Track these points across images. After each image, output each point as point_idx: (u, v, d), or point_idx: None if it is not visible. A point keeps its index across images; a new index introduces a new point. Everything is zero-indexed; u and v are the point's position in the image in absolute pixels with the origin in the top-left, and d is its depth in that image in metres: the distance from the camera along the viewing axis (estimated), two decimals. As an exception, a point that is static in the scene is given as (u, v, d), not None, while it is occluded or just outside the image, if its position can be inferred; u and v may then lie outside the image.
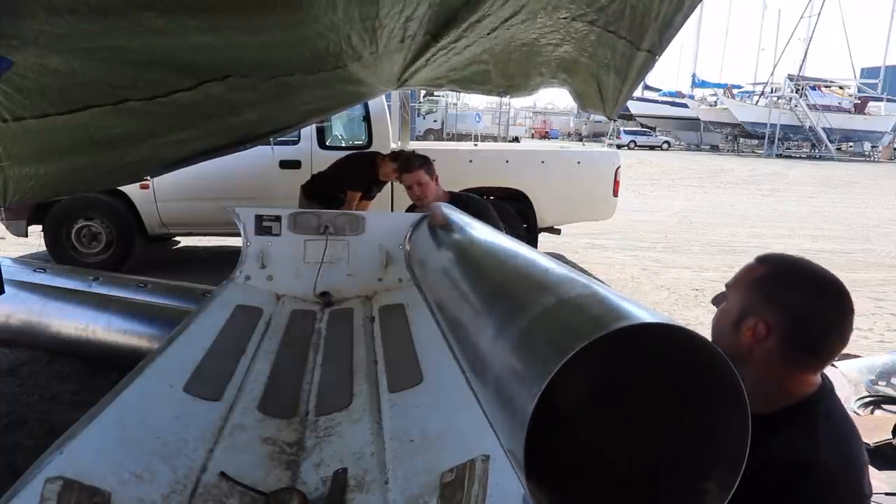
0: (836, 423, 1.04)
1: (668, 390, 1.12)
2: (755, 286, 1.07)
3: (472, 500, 1.09)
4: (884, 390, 2.82)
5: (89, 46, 2.25)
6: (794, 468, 0.98)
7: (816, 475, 0.97)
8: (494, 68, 3.90)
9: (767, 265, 1.09)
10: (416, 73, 3.69)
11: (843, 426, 1.06)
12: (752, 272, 1.10)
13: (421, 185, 3.06)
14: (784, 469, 0.99)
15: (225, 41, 2.47)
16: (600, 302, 1.07)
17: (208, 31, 2.36)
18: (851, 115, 35.14)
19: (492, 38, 3.19)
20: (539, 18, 2.95)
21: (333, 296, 2.69)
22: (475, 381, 1.29)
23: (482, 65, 3.82)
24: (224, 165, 4.94)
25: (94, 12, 2.00)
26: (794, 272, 1.07)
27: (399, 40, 3.11)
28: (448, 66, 3.82)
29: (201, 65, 2.79)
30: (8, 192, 3.17)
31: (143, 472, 1.24)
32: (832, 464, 0.98)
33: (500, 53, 3.61)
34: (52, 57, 2.23)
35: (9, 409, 2.70)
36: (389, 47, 3.15)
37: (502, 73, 3.97)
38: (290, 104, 3.66)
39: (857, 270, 6.23)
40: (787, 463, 0.99)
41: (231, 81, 3.07)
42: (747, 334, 1.05)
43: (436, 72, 3.94)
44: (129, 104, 2.85)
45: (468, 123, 28.06)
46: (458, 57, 3.52)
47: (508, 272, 1.50)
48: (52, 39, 2.09)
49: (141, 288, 3.29)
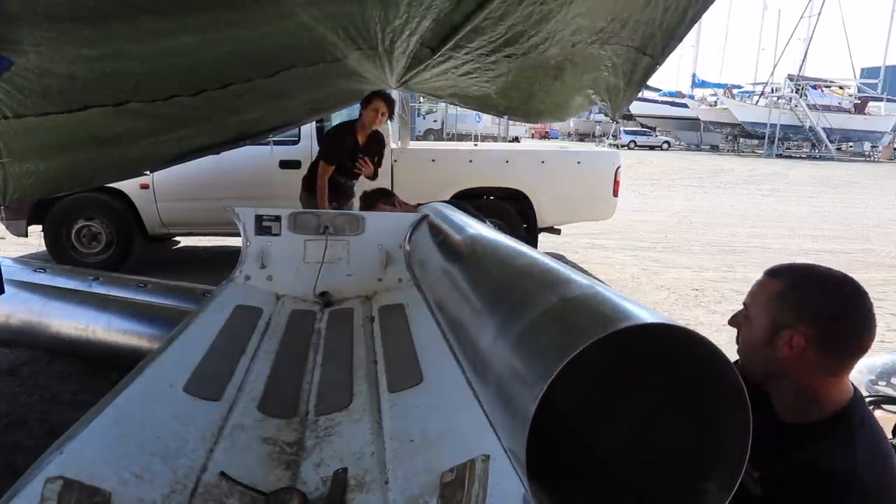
0: (873, 432, 1.06)
1: (669, 390, 1.12)
2: (779, 300, 1.08)
3: (473, 500, 1.08)
4: (884, 390, 2.81)
5: (90, 52, 2.26)
6: (835, 477, 1.00)
7: (856, 487, 0.99)
8: (496, 90, 3.92)
9: (783, 277, 1.11)
10: (415, 77, 3.70)
11: (878, 435, 1.07)
12: (768, 287, 1.11)
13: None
14: (824, 479, 1.00)
15: (224, 36, 2.47)
16: (601, 302, 1.06)
17: (208, 28, 2.36)
18: (851, 115, 35.15)
19: (493, 62, 3.21)
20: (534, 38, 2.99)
21: (333, 296, 2.69)
22: (476, 381, 1.29)
23: (484, 86, 3.84)
24: (224, 165, 4.95)
25: (95, 18, 2.01)
26: (811, 278, 1.10)
27: (399, 41, 3.13)
28: (449, 81, 3.82)
29: (202, 70, 2.80)
30: (7, 190, 3.17)
31: (143, 472, 1.24)
32: (870, 475, 1.00)
33: (503, 78, 3.62)
34: (54, 62, 2.24)
35: (9, 409, 2.70)
36: (387, 46, 3.16)
37: (503, 95, 3.99)
38: (290, 103, 3.68)
39: (857, 270, 6.23)
40: (827, 473, 1.01)
41: (232, 88, 3.08)
42: (784, 349, 1.05)
43: (438, 83, 3.96)
44: (131, 105, 2.85)
45: (468, 123, 28.03)
46: (459, 75, 3.53)
47: (509, 272, 1.50)
48: (53, 46, 2.10)
49: (141, 288, 3.29)
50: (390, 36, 3.03)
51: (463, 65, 3.29)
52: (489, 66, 3.33)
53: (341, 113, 5.16)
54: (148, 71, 2.57)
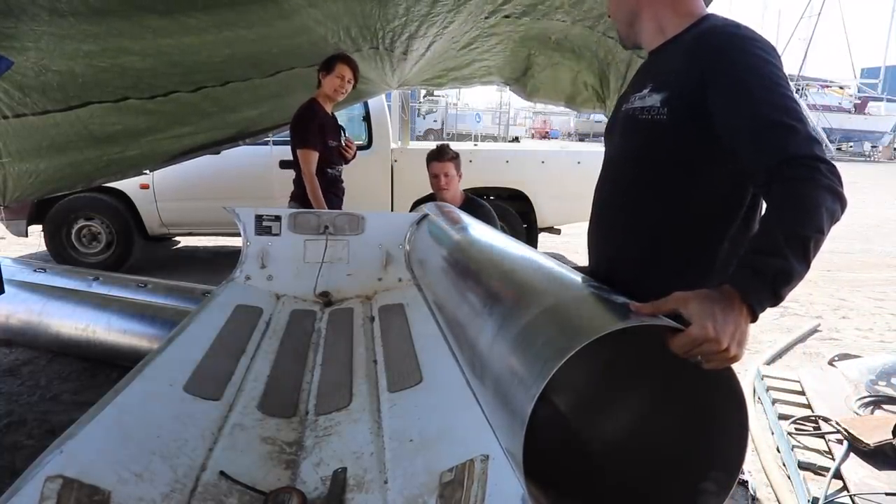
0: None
1: (668, 390, 1.12)
2: None
3: (472, 500, 1.08)
4: (884, 390, 2.81)
5: (90, 48, 2.26)
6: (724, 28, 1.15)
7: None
8: (495, 64, 3.93)
9: None
10: (416, 69, 3.71)
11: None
12: None
13: (447, 177, 3.12)
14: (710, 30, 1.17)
15: (223, 36, 2.48)
16: (600, 302, 1.07)
17: (209, 28, 2.36)
18: (851, 115, 35.14)
19: (491, 25, 3.20)
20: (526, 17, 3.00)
21: (333, 295, 2.69)
22: (474, 381, 1.30)
23: (483, 61, 3.84)
24: (224, 165, 4.95)
25: (96, 14, 2.01)
26: None
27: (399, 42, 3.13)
28: (449, 63, 3.83)
29: (201, 67, 2.81)
30: (7, 190, 3.18)
31: (143, 471, 1.24)
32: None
33: (503, 49, 3.63)
34: (54, 57, 2.24)
35: (9, 409, 2.70)
36: (387, 45, 3.17)
37: (504, 66, 4.00)
38: (290, 102, 3.68)
39: (857, 270, 6.23)
40: (711, 27, 1.17)
41: (232, 85, 3.09)
42: None
43: (438, 69, 3.96)
44: (130, 102, 2.86)
45: (468, 123, 28.04)
46: (460, 49, 3.54)
47: (508, 272, 1.50)
48: (54, 41, 2.10)
49: (141, 288, 3.29)
50: (390, 36, 3.04)
51: (463, 35, 3.29)
52: (488, 32, 3.32)
53: (341, 113, 5.15)
54: (147, 67, 2.58)
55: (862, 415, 2.61)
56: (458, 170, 3.16)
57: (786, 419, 2.63)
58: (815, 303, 4.95)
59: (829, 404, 2.72)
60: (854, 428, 2.35)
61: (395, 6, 2.68)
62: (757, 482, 2.32)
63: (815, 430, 2.52)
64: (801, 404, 2.79)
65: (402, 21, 2.86)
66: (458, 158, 3.18)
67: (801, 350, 3.84)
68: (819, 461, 2.28)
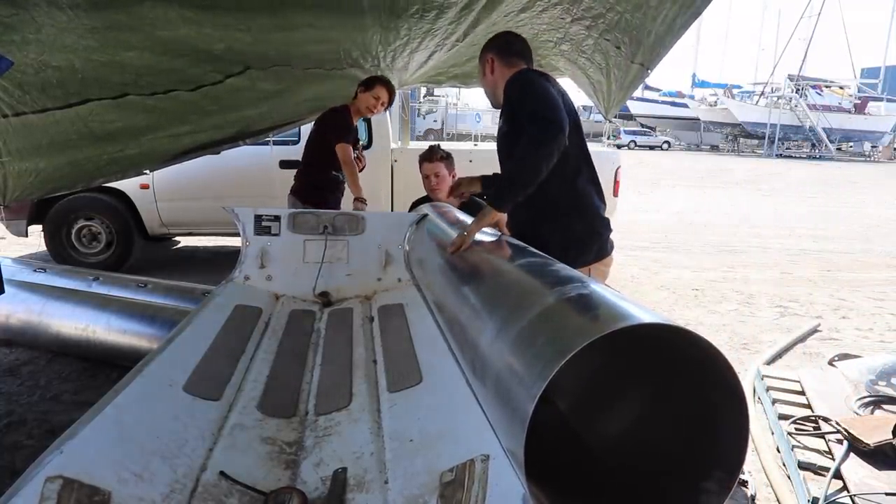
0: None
1: (668, 390, 1.12)
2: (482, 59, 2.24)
3: (472, 500, 1.08)
4: (884, 390, 2.81)
5: (89, 42, 2.26)
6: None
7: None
8: None
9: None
10: (418, 72, 3.70)
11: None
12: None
13: (438, 178, 3.12)
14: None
15: (221, 35, 2.48)
16: (600, 302, 1.07)
17: (205, 25, 2.37)
18: (851, 115, 35.16)
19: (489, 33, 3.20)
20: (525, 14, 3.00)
21: (333, 296, 2.69)
22: (475, 381, 1.29)
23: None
24: (224, 165, 4.95)
25: (96, 6, 2.01)
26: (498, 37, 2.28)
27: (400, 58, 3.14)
28: (450, 59, 3.83)
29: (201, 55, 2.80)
30: (8, 189, 3.17)
31: (143, 472, 1.24)
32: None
33: None
34: (54, 52, 2.24)
35: (9, 409, 2.70)
36: (388, 62, 3.18)
37: None
38: (290, 101, 3.67)
39: (857, 270, 6.23)
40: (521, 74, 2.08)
41: (231, 83, 3.08)
42: (488, 72, 2.21)
43: (439, 66, 3.96)
44: (129, 98, 2.85)
45: (468, 123, 28.05)
46: (454, 54, 3.53)
47: (508, 272, 1.50)
48: (53, 33, 2.10)
49: (141, 288, 3.29)
50: (391, 55, 3.06)
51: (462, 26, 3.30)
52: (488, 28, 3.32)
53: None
54: (147, 63, 2.57)
55: (862, 415, 2.61)
56: (450, 170, 3.15)
57: (786, 419, 2.63)
58: (815, 303, 4.95)
59: (829, 404, 2.72)
60: (854, 428, 2.35)
61: (397, 29, 2.68)
62: (757, 482, 2.32)
63: (815, 430, 2.52)
64: (801, 404, 2.79)
65: (403, 41, 2.87)
66: (450, 159, 3.17)
67: (801, 350, 3.84)
68: (819, 461, 2.28)
